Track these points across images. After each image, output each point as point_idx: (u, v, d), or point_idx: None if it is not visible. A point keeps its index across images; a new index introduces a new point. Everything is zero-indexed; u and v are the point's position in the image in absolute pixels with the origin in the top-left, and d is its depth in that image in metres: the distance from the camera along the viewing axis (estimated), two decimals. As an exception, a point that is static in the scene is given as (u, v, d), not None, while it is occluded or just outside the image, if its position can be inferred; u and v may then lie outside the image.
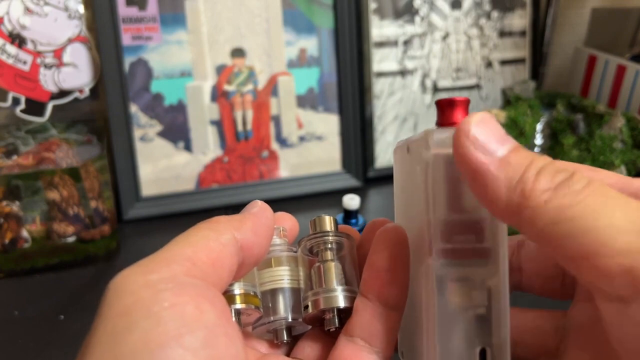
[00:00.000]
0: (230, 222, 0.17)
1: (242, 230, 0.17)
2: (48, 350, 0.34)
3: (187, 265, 0.15)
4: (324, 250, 0.20)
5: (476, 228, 0.16)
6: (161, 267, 0.15)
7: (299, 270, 0.20)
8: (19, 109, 0.49)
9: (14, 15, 0.47)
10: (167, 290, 0.14)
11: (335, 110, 0.56)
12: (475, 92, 0.62)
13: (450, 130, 0.16)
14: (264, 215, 0.18)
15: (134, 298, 0.14)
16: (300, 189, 0.54)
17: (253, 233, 0.17)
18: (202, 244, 0.16)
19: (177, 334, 0.13)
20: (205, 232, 0.16)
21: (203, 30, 0.51)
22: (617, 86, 0.59)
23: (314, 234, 0.20)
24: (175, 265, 0.15)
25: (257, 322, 0.19)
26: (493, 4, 0.60)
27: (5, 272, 0.42)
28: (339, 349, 0.18)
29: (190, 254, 0.15)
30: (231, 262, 0.16)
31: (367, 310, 0.18)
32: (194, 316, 0.14)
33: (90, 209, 0.43)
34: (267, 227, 0.18)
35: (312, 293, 0.19)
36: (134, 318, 0.13)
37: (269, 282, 0.19)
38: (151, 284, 0.14)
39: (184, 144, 0.52)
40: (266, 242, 0.18)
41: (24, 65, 0.48)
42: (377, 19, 0.56)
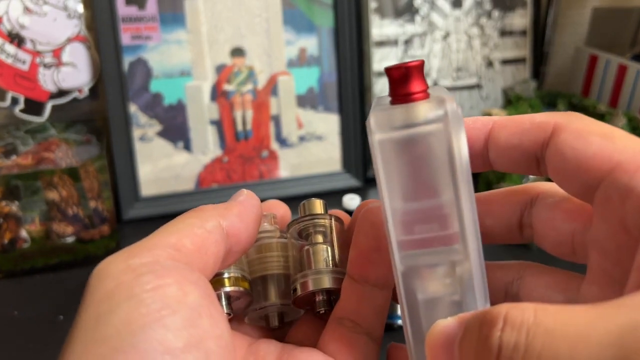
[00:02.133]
0: (216, 210, 0.17)
1: (228, 217, 0.17)
2: (47, 350, 0.34)
3: (170, 251, 0.15)
4: (313, 233, 0.19)
5: (439, 214, 0.15)
6: (144, 252, 0.15)
7: (289, 256, 0.20)
8: (18, 108, 0.48)
9: (13, 15, 0.47)
10: (149, 273, 0.14)
11: (335, 110, 0.56)
12: (476, 91, 0.62)
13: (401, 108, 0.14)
14: (250, 202, 0.18)
15: (115, 282, 0.14)
16: (300, 189, 0.54)
17: (239, 219, 0.17)
18: (186, 231, 0.16)
19: (159, 315, 0.13)
20: (190, 220, 0.16)
21: (203, 30, 0.50)
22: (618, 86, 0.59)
23: (303, 217, 0.20)
24: (158, 251, 0.15)
25: (249, 308, 0.19)
26: (494, 3, 0.60)
27: (4, 272, 0.42)
28: (329, 331, 0.18)
29: (175, 240, 0.15)
30: (217, 249, 0.16)
31: (354, 291, 0.18)
32: (177, 297, 0.14)
33: (90, 209, 0.42)
34: (253, 213, 0.18)
35: (300, 275, 0.19)
36: (116, 301, 0.13)
37: (259, 268, 0.19)
38: (132, 268, 0.14)
39: (184, 144, 0.52)
40: (253, 229, 0.18)
41: (23, 64, 0.48)
42: (378, 18, 0.55)
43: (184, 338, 0.13)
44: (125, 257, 0.14)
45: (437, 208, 0.15)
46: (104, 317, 0.13)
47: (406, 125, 0.14)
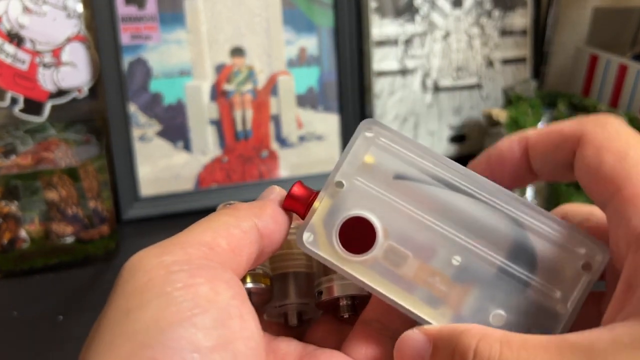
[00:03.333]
0: (251, 209, 0.17)
1: (263, 217, 0.17)
2: (47, 350, 0.34)
3: (204, 249, 0.15)
4: None
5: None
6: (177, 249, 0.14)
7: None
8: (17, 108, 0.48)
9: (13, 15, 0.47)
10: (182, 272, 0.14)
11: (335, 110, 0.55)
12: (476, 91, 0.61)
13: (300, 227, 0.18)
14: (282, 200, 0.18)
15: (147, 277, 0.14)
16: (300, 189, 0.54)
17: (273, 220, 0.17)
18: (222, 230, 0.16)
19: (190, 313, 0.13)
20: (226, 218, 0.16)
21: (202, 30, 0.50)
22: (618, 86, 0.59)
23: None
24: (191, 249, 0.15)
25: (268, 305, 0.19)
26: (494, 3, 0.60)
27: (3, 272, 0.42)
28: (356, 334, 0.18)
29: (209, 239, 0.15)
30: (250, 250, 0.16)
31: None
32: (208, 297, 0.14)
33: (89, 209, 0.42)
34: (285, 214, 0.18)
35: (326, 279, 0.18)
36: (147, 297, 0.13)
37: (281, 265, 0.19)
38: (165, 265, 0.14)
39: (183, 144, 0.52)
40: (286, 230, 0.18)
41: (22, 64, 0.48)
42: (378, 18, 0.55)
43: (214, 338, 0.13)
44: (159, 253, 0.14)
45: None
46: (134, 312, 0.13)
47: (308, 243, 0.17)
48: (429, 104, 0.59)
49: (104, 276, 0.41)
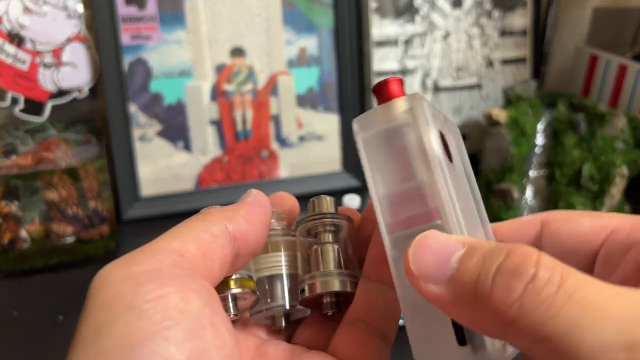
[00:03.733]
0: (222, 213, 0.17)
1: (235, 220, 0.17)
2: (47, 350, 0.34)
3: (173, 257, 0.15)
4: (323, 232, 0.19)
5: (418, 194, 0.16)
6: (145, 259, 0.14)
7: (297, 255, 0.19)
8: (17, 108, 0.48)
9: (13, 15, 0.47)
10: (150, 282, 0.13)
11: (335, 110, 0.55)
12: (476, 91, 0.61)
13: (378, 109, 0.17)
14: (258, 203, 0.18)
15: (115, 290, 0.13)
16: (300, 189, 0.54)
17: (247, 222, 0.17)
18: (191, 236, 0.15)
19: (161, 327, 0.13)
20: (195, 224, 0.16)
21: (202, 30, 0.50)
22: (618, 86, 0.59)
23: (312, 215, 0.20)
24: (160, 256, 0.14)
25: (255, 309, 0.19)
26: (494, 3, 0.60)
27: (4, 272, 0.42)
28: (341, 334, 0.18)
29: (178, 245, 0.15)
30: (223, 254, 0.16)
31: (369, 293, 0.17)
32: (178, 307, 0.13)
33: (89, 209, 0.42)
34: (262, 215, 0.17)
35: (308, 276, 0.18)
36: (116, 311, 0.13)
37: (265, 268, 0.19)
38: (133, 276, 0.14)
39: (184, 144, 0.52)
40: (262, 232, 0.17)
41: (22, 64, 0.48)
42: (378, 18, 0.55)
43: (187, 350, 0.13)
44: (126, 263, 0.14)
45: (416, 189, 0.16)
46: (104, 329, 0.13)
47: (382, 123, 0.17)
48: (429, 104, 0.59)
49: (104, 276, 0.41)
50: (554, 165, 0.51)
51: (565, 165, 0.49)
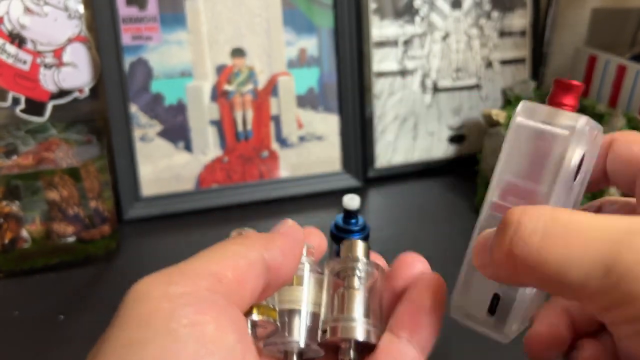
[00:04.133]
0: (260, 240, 0.17)
1: (271, 250, 0.17)
2: (48, 350, 0.34)
3: (212, 280, 0.14)
4: (351, 276, 0.19)
5: (529, 195, 0.18)
6: (184, 279, 0.14)
7: (321, 294, 0.19)
8: (18, 108, 0.48)
9: (14, 15, 0.47)
10: (188, 306, 0.13)
11: (335, 110, 0.56)
12: (476, 92, 0.62)
13: (547, 108, 0.19)
14: (293, 236, 0.18)
15: (152, 308, 0.13)
16: (300, 189, 0.54)
17: (281, 254, 0.17)
18: (229, 260, 0.15)
19: (195, 355, 0.13)
20: (233, 248, 0.16)
21: (203, 30, 0.51)
22: (617, 86, 0.59)
23: (344, 258, 0.19)
24: (199, 280, 0.14)
25: (270, 340, 0.18)
26: (493, 4, 0.60)
27: (5, 272, 0.42)
28: None
29: (216, 269, 0.15)
30: (256, 282, 0.16)
31: (393, 347, 0.17)
32: (214, 338, 0.13)
33: (90, 209, 0.42)
34: (296, 248, 0.18)
35: (332, 319, 0.18)
36: (151, 332, 0.13)
37: (288, 300, 0.19)
38: (172, 296, 0.14)
39: (184, 144, 0.52)
40: (294, 265, 0.17)
41: (23, 65, 0.48)
42: (377, 19, 0.56)
43: None
44: (165, 281, 0.14)
45: (532, 192, 0.18)
46: (136, 347, 0.13)
47: (543, 122, 0.19)
48: (429, 104, 0.60)
49: (105, 276, 0.41)
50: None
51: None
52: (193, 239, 0.47)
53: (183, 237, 0.47)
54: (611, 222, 0.14)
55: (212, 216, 0.51)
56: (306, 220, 0.50)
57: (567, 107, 0.19)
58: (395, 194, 0.56)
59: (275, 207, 0.52)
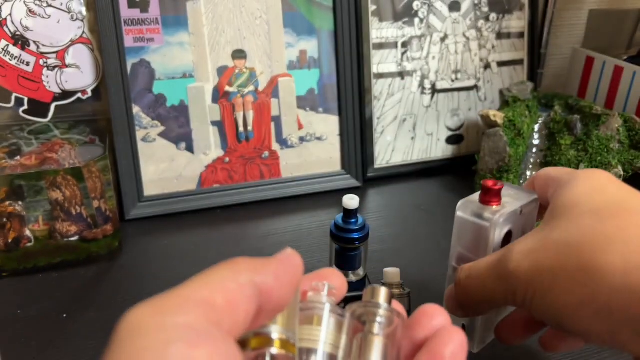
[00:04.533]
0: (251, 264, 0.16)
1: (263, 273, 0.16)
2: (50, 349, 0.34)
3: (205, 308, 0.14)
4: (372, 322, 0.19)
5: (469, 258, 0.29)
6: (177, 308, 0.14)
7: (340, 336, 0.19)
8: (22, 109, 0.49)
9: (17, 17, 0.47)
10: (181, 341, 0.13)
11: (335, 111, 0.56)
12: (474, 93, 0.62)
13: (477, 204, 0.29)
14: (289, 261, 0.17)
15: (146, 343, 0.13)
16: (300, 189, 0.55)
17: (274, 278, 0.16)
18: (219, 285, 0.15)
19: None
20: (223, 272, 0.16)
21: (204, 32, 0.51)
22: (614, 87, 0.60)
23: (366, 302, 0.20)
24: (192, 308, 0.14)
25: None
26: (491, 6, 0.61)
27: (8, 271, 0.42)
28: None
29: (207, 295, 0.15)
30: (248, 306, 0.15)
31: None
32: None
33: (93, 209, 0.43)
34: (292, 274, 0.17)
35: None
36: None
37: (305, 339, 0.18)
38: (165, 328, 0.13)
39: (186, 145, 0.52)
40: (289, 290, 0.17)
41: (27, 66, 0.48)
42: (377, 21, 0.56)
43: None
44: (158, 311, 0.14)
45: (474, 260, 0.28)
46: None
47: (474, 214, 0.28)
48: (428, 105, 0.60)
49: (108, 275, 0.42)
50: (550, 165, 0.51)
51: (562, 166, 0.50)
52: (195, 238, 0.47)
53: (185, 236, 0.47)
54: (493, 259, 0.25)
55: (214, 216, 0.51)
56: (306, 219, 0.51)
57: (492, 203, 0.28)
58: (394, 193, 0.56)
59: (276, 206, 0.53)
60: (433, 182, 0.58)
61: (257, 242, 0.47)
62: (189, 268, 0.43)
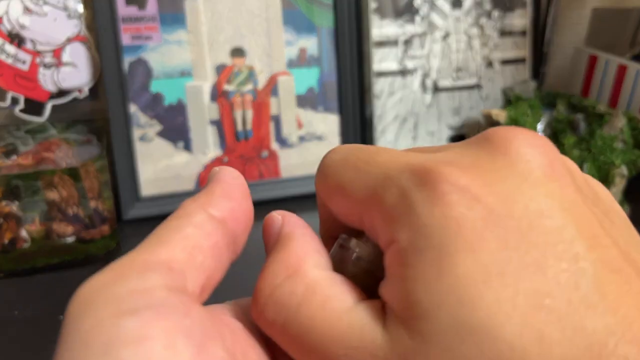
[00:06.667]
0: (197, 201, 0.15)
1: (214, 202, 0.15)
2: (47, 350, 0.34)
3: (164, 271, 0.12)
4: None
5: None
6: (132, 275, 0.12)
7: None
8: (18, 108, 0.48)
9: (13, 15, 0.47)
10: (133, 316, 0.11)
11: (335, 110, 0.56)
12: (476, 91, 0.62)
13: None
14: (230, 176, 0.16)
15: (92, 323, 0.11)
16: (300, 189, 0.54)
17: (228, 199, 0.15)
18: (175, 238, 0.13)
19: None
20: (174, 223, 0.14)
21: (203, 30, 0.51)
22: (617, 86, 0.59)
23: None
24: (150, 274, 0.12)
25: None
26: (493, 3, 0.60)
27: (4, 272, 0.42)
28: None
29: (165, 255, 0.13)
30: (211, 241, 0.14)
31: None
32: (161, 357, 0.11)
33: (90, 209, 0.42)
34: (240, 186, 0.16)
35: None
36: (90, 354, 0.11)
37: None
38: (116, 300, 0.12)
39: (184, 144, 0.52)
40: (246, 201, 0.16)
41: (23, 64, 0.48)
42: (377, 18, 0.56)
43: None
44: (112, 280, 0.12)
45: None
46: None
47: None
48: (429, 104, 0.60)
49: (105, 276, 0.41)
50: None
51: (565, 166, 0.50)
52: (193, 239, 0.47)
53: (183, 237, 0.47)
54: None
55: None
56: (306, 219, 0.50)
57: None
58: (395, 193, 0.56)
59: (276, 206, 0.52)
60: (434, 182, 0.58)
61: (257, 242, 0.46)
62: (187, 269, 0.42)
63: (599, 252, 0.11)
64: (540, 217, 0.11)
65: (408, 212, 0.12)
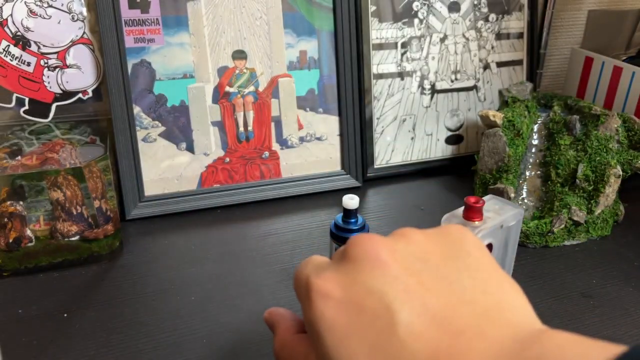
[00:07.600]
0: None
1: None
2: (52, 348, 0.35)
3: None
4: None
5: None
6: None
7: None
8: (23, 109, 0.49)
9: (18, 18, 0.47)
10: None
11: (335, 112, 0.56)
12: (473, 93, 0.62)
13: (462, 220, 0.31)
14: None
15: None
16: (300, 189, 0.55)
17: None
18: None
19: None
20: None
21: (205, 33, 0.51)
22: (613, 87, 0.60)
23: None
24: None
25: None
26: (491, 6, 0.61)
27: (9, 271, 0.42)
28: None
29: None
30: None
31: None
32: None
33: (94, 209, 0.43)
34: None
35: None
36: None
37: None
38: None
39: (186, 145, 0.52)
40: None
41: (28, 66, 0.49)
42: (376, 21, 0.56)
43: None
44: None
45: None
46: None
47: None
48: (427, 105, 0.60)
49: (108, 275, 0.42)
50: (549, 165, 0.52)
51: (561, 166, 0.50)
52: (195, 238, 0.47)
53: (185, 236, 0.48)
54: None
55: (214, 216, 0.51)
56: (306, 219, 0.51)
57: (474, 219, 0.30)
58: (394, 193, 0.56)
59: (276, 206, 0.53)
60: (432, 182, 0.59)
61: (257, 242, 0.47)
62: (189, 268, 0.43)
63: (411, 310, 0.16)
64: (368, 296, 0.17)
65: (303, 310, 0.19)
